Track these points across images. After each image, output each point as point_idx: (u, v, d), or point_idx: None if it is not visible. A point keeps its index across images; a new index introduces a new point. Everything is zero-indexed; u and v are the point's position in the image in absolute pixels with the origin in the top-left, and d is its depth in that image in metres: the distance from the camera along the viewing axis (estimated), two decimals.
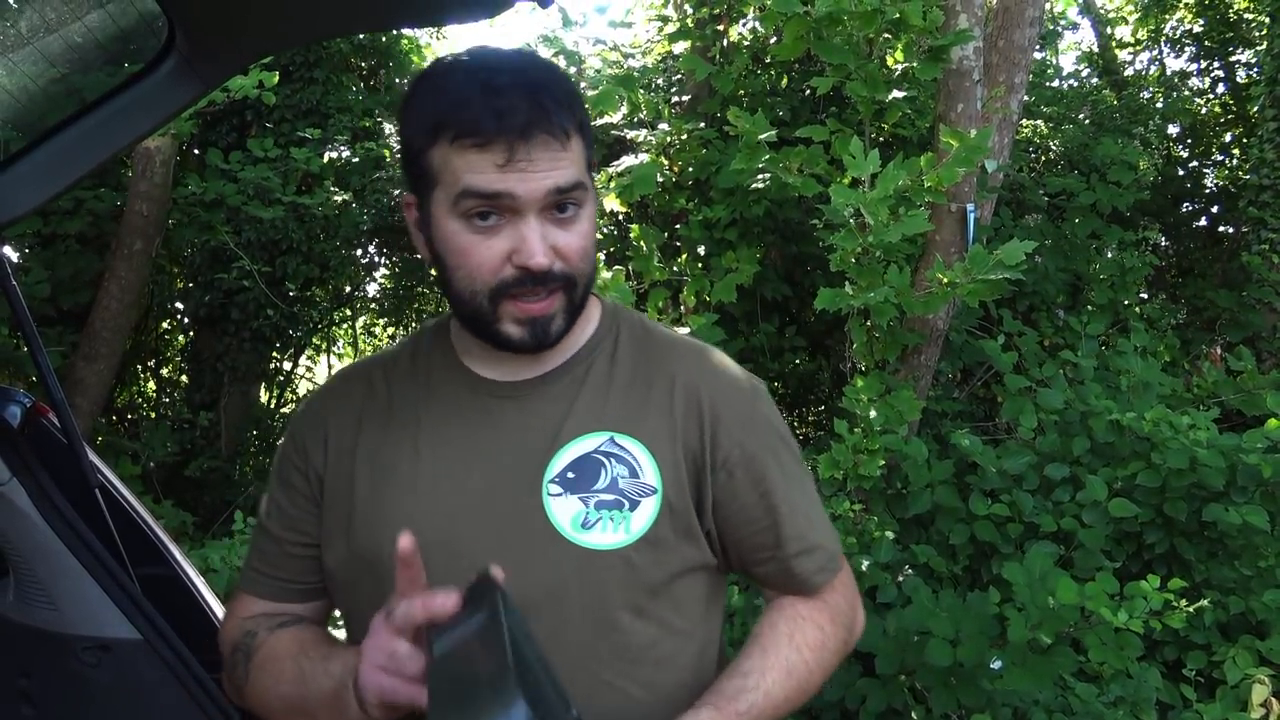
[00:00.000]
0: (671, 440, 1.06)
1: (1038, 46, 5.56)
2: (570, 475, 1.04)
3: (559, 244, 0.99)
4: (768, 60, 5.14)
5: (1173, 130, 7.06)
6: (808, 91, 4.95)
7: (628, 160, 4.50)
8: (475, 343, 1.09)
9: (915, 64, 3.47)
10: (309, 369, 8.25)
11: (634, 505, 1.04)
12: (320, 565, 1.13)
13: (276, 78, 4.62)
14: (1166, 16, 7.59)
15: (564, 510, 1.02)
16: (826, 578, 1.14)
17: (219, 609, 1.53)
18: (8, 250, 1.34)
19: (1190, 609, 2.60)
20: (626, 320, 1.17)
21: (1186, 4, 7.37)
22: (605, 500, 1.03)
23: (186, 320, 7.22)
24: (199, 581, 1.52)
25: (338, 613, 1.19)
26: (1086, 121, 6.38)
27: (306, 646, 1.06)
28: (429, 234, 1.03)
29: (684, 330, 3.38)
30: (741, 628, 2.88)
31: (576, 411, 1.07)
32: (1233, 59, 7.09)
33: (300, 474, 1.13)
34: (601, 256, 3.35)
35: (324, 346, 8.14)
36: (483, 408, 1.09)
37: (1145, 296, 6.13)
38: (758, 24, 5.00)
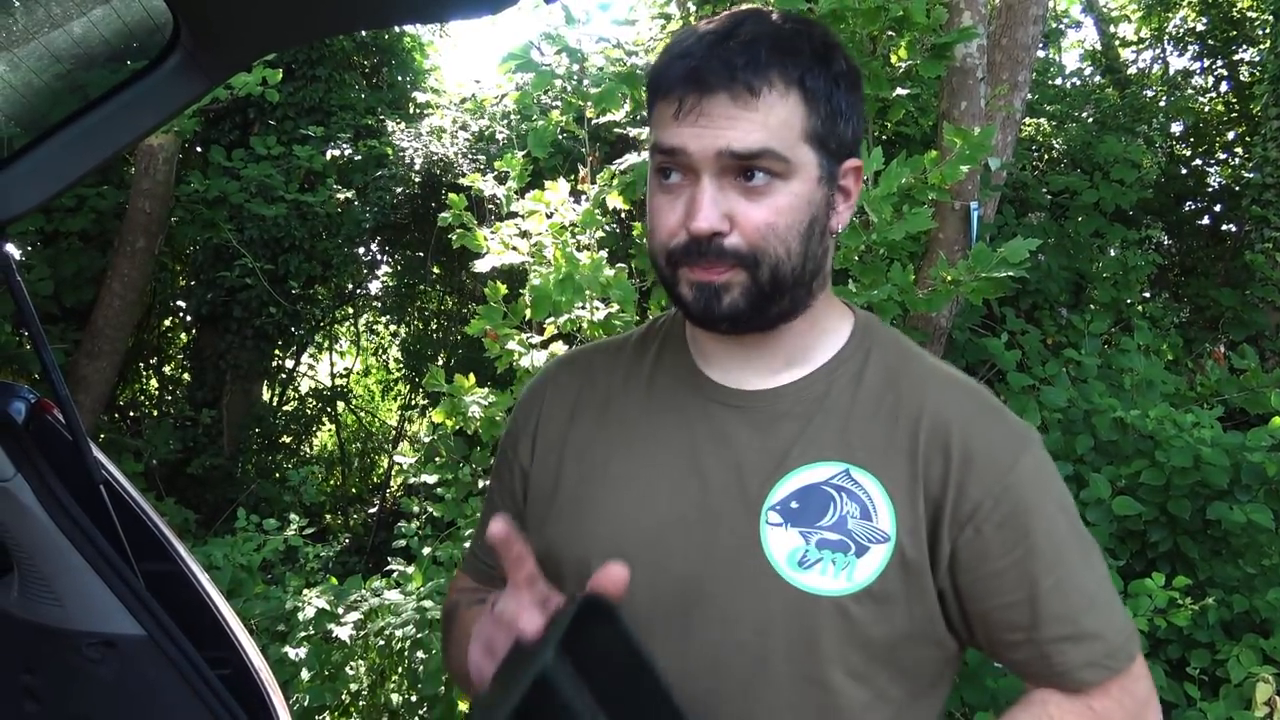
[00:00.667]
0: (912, 483, 0.92)
1: (1041, 45, 5.55)
2: (794, 505, 0.92)
3: (736, 213, 0.88)
4: None
5: (1176, 129, 7.05)
6: None
7: (631, 158, 4.50)
8: (706, 338, 1.00)
9: (918, 61, 3.47)
10: (311, 367, 8.27)
11: (861, 550, 0.90)
12: None
13: (280, 75, 4.62)
14: (1169, 15, 7.58)
15: (781, 543, 0.91)
16: (1098, 675, 0.92)
17: (223, 605, 1.52)
18: (10, 248, 1.33)
19: (1195, 607, 2.59)
20: (882, 340, 1.02)
21: (1190, 2, 7.36)
22: (829, 540, 0.91)
23: (189, 318, 7.24)
24: (203, 577, 1.52)
25: None
26: (1089, 120, 6.37)
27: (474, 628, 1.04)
28: None
29: None
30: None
31: (810, 434, 0.94)
32: (1236, 57, 7.08)
33: (508, 464, 1.08)
34: (604, 254, 3.35)
35: (326, 345, 8.14)
36: (706, 414, 0.98)
37: (1148, 295, 6.12)
38: None
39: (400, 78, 7.49)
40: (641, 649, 0.79)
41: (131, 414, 7.12)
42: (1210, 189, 6.67)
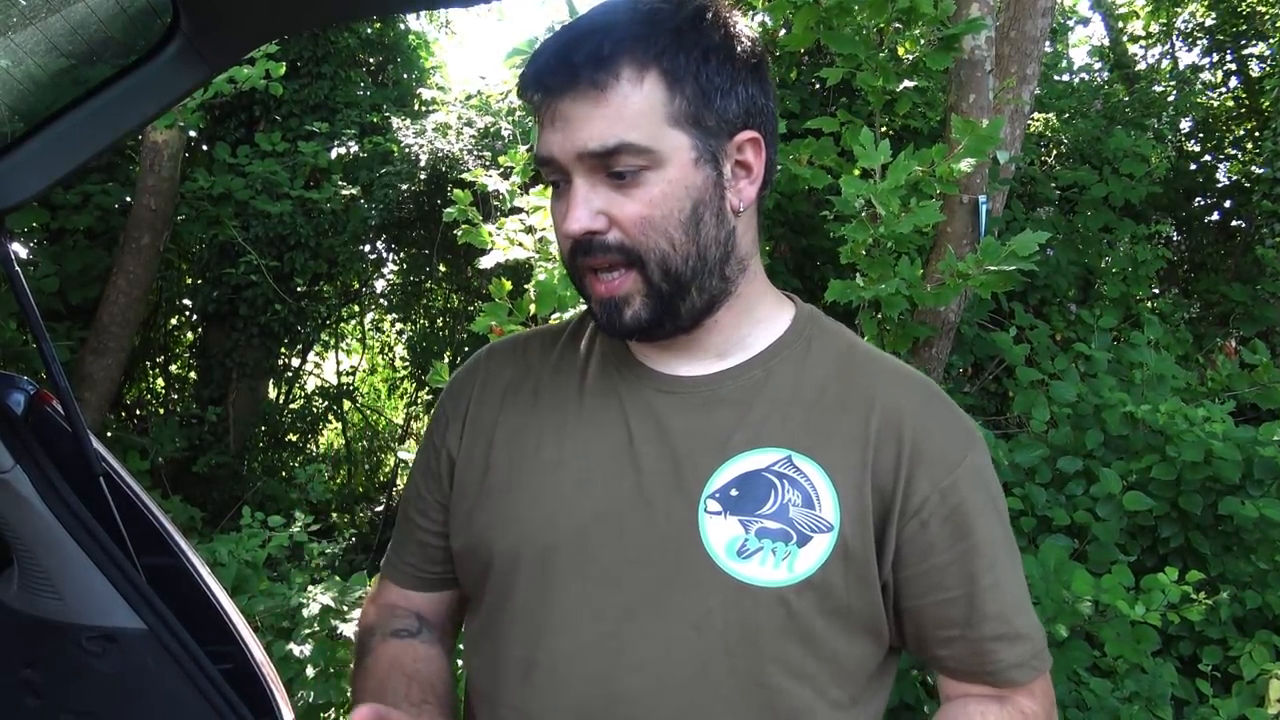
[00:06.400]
0: (860, 472, 0.89)
1: (1048, 40, 5.52)
2: (733, 493, 0.88)
3: (610, 210, 0.87)
4: (777, 52, 5.11)
5: (1185, 124, 7.01)
6: (817, 84, 4.92)
7: None
8: None
9: (925, 54, 3.44)
10: (317, 365, 8.27)
11: (803, 540, 0.87)
12: (449, 555, 1.04)
13: (283, 68, 4.60)
14: (1178, 10, 7.54)
15: (720, 532, 0.87)
16: (1028, 675, 0.93)
17: (225, 600, 1.51)
18: (15, 246, 1.32)
19: (1208, 602, 2.57)
20: (825, 330, 0.99)
21: None
22: (770, 528, 0.87)
23: (195, 316, 7.23)
24: (205, 572, 1.51)
25: None
26: (1098, 114, 6.34)
27: (388, 685, 0.99)
28: None
29: None
30: None
31: (751, 420, 0.91)
32: (1245, 52, 7.04)
33: (434, 455, 1.04)
34: None
35: (332, 342, 8.14)
36: (644, 401, 0.94)
37: (1158, 291, 6.08)
38: (767, 16, 4.97)
39: (405, 74, 7.48)
40: None
41: (138, 412, 7.13)
42: (1220, 184, 6.63)
